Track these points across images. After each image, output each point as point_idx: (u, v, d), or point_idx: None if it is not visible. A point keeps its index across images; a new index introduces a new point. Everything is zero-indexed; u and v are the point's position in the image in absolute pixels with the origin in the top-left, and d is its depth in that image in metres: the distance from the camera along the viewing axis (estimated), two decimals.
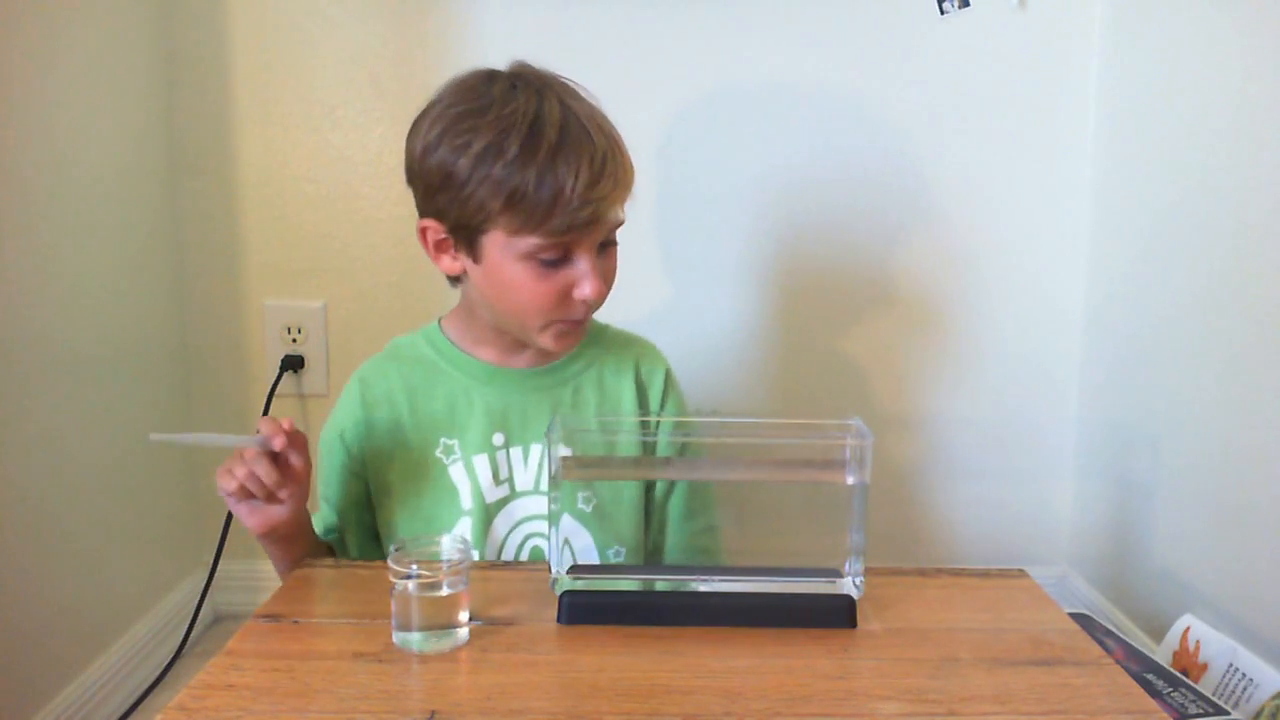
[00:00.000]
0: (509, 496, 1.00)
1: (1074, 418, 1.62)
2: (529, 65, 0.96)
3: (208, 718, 0.66)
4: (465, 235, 0.93)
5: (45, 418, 1.23)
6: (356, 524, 1.03)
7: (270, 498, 0.88)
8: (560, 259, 0.91)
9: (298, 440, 0.87)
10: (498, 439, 0.99)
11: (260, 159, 1.56)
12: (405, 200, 1.56)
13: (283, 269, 1.59)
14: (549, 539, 0.83)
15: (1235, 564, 1.20)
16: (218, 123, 1.55)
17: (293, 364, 1.60)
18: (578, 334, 0.97)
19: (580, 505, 0.99)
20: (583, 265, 0.91)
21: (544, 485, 0.98)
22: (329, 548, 1.01)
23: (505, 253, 0.91)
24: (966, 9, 1.51)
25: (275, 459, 0.87)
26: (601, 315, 1.02)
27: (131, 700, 1.39)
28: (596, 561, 0.98)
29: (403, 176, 1.57)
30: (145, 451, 1.47)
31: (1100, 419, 1.55)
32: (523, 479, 1.00)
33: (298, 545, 0.94)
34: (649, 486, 1.05)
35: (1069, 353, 1.61)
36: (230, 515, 1.54)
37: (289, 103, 1.54)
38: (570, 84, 0.95)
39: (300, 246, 1.58)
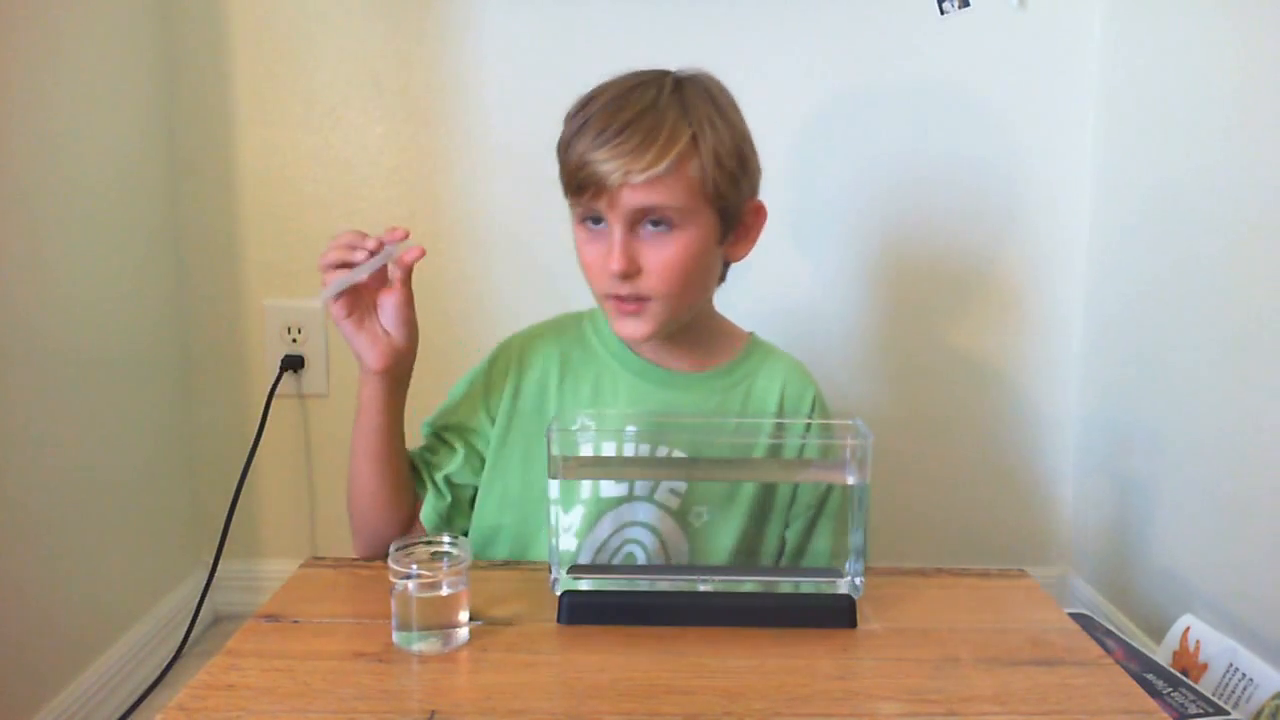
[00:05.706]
0: (626, 497, 0.96)
1: (1074, 418, 1.62)
2: (693, 68, 0.98)
3: (208, 718, 0.66)
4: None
5: (45, 418, 1.23)
6: (469, 465, 1.03)
7: (370, 310, 0.96)
8: (598, 222, 0.93)
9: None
10: (630, 431, 0.97)
11: (260, 159, 1.56)
12: (405, 200, 1.58)
13: (283, 269, 1.59)
14: (550, 540, 0.83)
15: (1235, 564, 1.20)
16: (217, 123, 1.54)
17: (293, 364, 1.60)
18: (638, 322, 0.94)
19: (690, 518, 0.97)
20: (612, 235, 0.92)
21: (657, 495, 0.95)
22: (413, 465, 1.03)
23: (572, 215, 0.97)
24: (966, 9, 1.51)
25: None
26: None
27: (131, 700, 1.39)
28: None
29: (402, 176, 1.58)
30: (145, 452, 1.48)
31: (1100, 419, 1.55)
32: (642, 483, 0.96)
33: (404, 391, 0.98)
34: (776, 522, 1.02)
35: (1069, 353, 1.61)
36: (230, 515, 1.55)
37: (289, 103, 1.54)
38: (700, 82, 0.95)
39: (300, 246, 1.57)
